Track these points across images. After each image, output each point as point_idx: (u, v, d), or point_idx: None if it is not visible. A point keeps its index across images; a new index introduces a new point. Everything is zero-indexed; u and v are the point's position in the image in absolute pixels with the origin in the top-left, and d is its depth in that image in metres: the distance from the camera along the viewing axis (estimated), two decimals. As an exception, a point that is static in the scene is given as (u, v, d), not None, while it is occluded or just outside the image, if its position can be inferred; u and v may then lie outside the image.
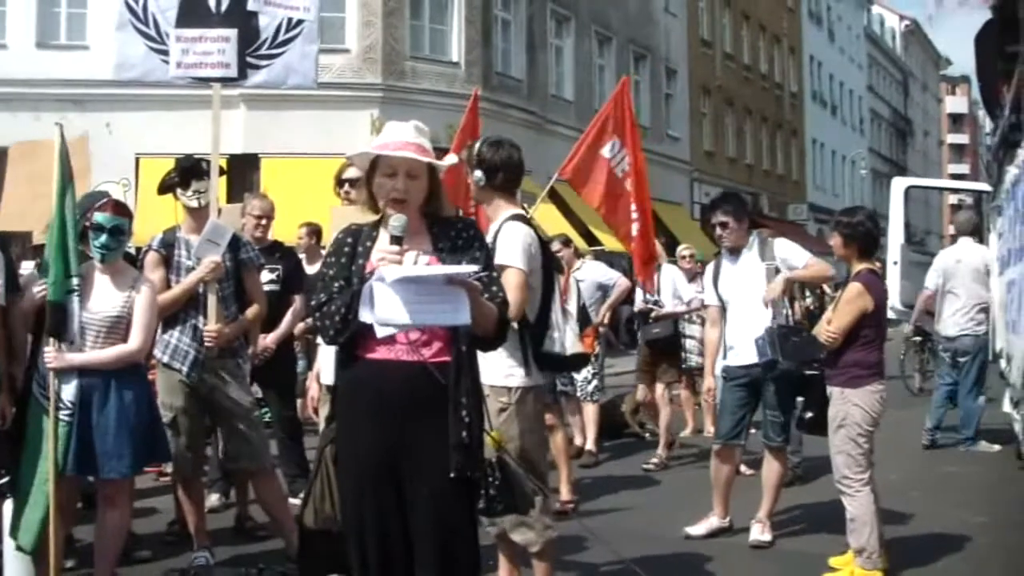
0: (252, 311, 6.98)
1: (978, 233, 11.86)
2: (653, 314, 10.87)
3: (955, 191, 36.24)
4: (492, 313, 4.14)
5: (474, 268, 3.99)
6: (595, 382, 10.96)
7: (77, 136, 6.34)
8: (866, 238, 6.86)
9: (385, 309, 3.83)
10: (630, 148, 9.62)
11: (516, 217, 5.50)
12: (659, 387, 11.17)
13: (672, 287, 11.18)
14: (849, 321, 6.63)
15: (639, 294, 11.22)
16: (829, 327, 6.66)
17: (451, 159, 4.53)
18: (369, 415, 4.09)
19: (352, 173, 6.10)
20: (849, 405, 6.61)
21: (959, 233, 12.15)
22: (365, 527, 4.12)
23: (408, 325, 3.93)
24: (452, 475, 4.02)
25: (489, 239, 5.26)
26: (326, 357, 5.71)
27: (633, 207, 9.68)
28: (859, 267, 6.84)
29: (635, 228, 9.81)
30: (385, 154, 4.17)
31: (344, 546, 4.26)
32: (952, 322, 11.48)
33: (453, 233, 4.29)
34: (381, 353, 4.07)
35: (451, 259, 4.16)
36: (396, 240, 4.02)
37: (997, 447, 11.34)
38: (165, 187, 6.84)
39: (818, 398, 6.98)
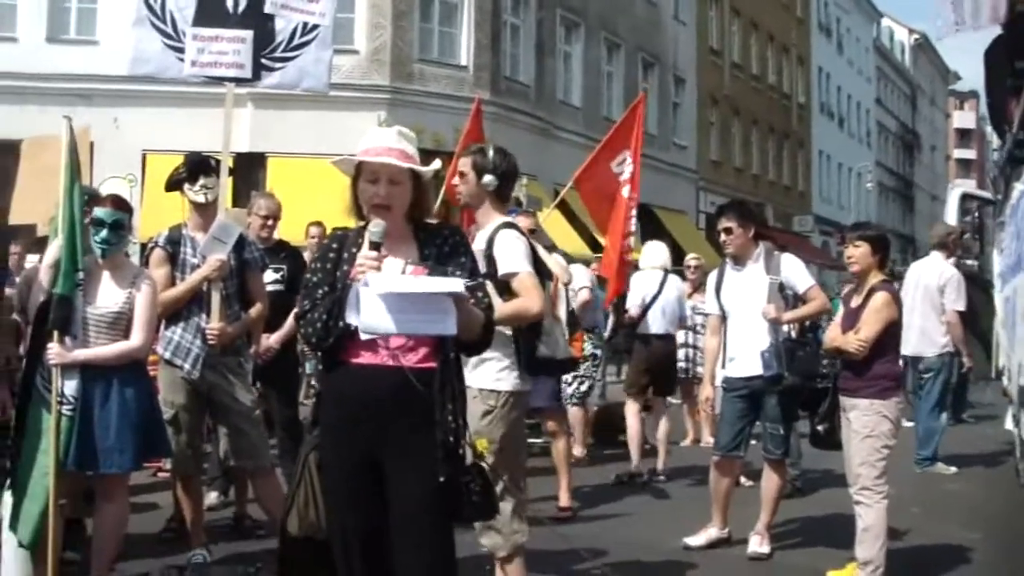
0: (255, 310, 6.99)
1: (947, 248, 11.45)
2: None
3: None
4: (478, 319, 4.14)
5: (459, 283, 3.96)
6: (575, 385, 10.88)
7: (79, 129, 6.33)
8: (888, 248, 6.99)
9: (370, 316, 3.83)
10: (634, 159, 9.66)
11: (507, 225, 5.54)
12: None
13: None
14: (878, 330, 6.64)
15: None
16: (858, 336, 6.65)
17: (435, 164, 4.50)
18: (353, 421, 4.09)
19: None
20: (879, 417, 6.62)
21: (930, 246, 11.75)
22: (350, 533, 4.13)
23: (393, 333, 3.94)
24: (441, 479, 4.01)
25: (481, 245, 5.34)
26: None
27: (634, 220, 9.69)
28: (879, 277, 6.85)
29: (633, 240, 9.83)
30: (366, 160, 4.16)
31: (325, 554, 4.24)
32: (912, 339, 10.83)
33: (439, 240, 4.28)
34: (366, 359, 4.07)
35: (437, 266, 4.16)
36: (375, 246, 4.00)
37: (953, 469, 11.09)
38: (172, 183, 6.86)
39: (829, 411, 7.00)
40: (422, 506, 4.03)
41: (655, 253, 11.05)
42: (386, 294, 3.81)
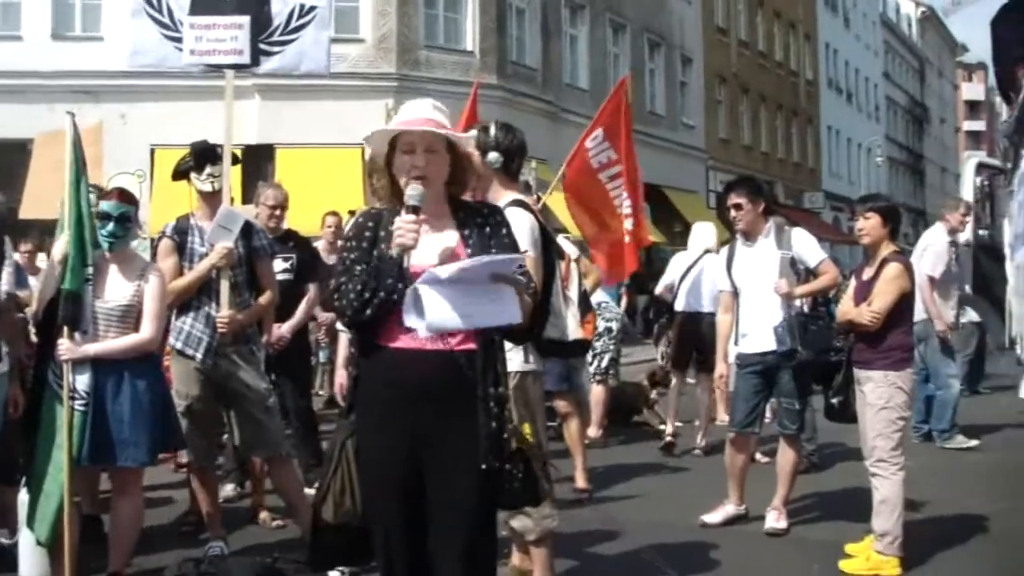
0: (264, 298, 6.98)
1: (945, 219, 11.36)
2: None
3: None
4: (528, 305, 4.07)
5: (519, 256, 3.90)
6: (595, 363, 11.01)
7: (91, 125, 6.34)
8: (898, 219, 6.98)
9: (436, 313, 3.73)
10: (614, 143, 9.60)
11: (517, 203, 5.43)
12: None
13: None
14: (891, 301, 6.63)
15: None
16: (871, 308, 6.63)
17: (472, 133, 4.42)
18: (392, 406, 4.00)
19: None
20: (894, 388, 6.61)
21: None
22: (391, 520, 4.04)
23: (460, 329, 3.85)
24: (483, 467, 3.93)
25: None
26: None
27: (626, 202, 9.65)
28: (890, 248, 6.83)
29: (629, 223, 9.79)
30: (402, 129, 4.08)
31: (359, 541, 4.20)
32: None
33: (479, 219, 4.18)
34: (404, 342, 3.96)
35: (478, 244, 4.07)
36: (413, 210, 3.91)
37: (975, 442, 10.97)
38: (179, 172, 6.86)
39: (843, 384, 6.98)
40: (462, 493, 3.95)
41: (696, 235, 11.53)
42: (446, 286, 3.72)
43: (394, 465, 4.03)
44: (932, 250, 10.91)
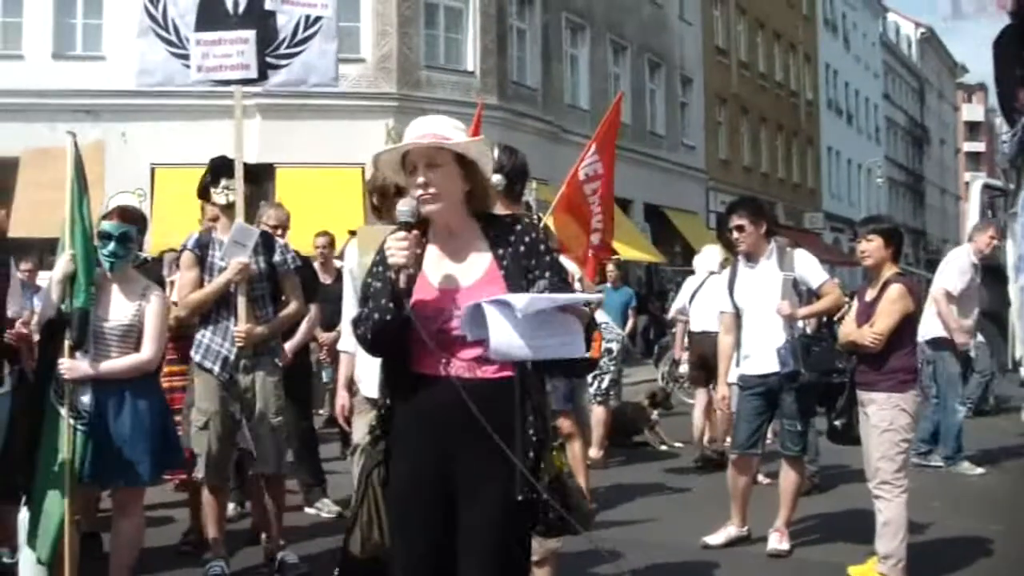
0: (286, 310, 6.99)
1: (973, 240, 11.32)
2: None
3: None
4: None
5: (597, 297, 3.76)
6: (595, 384, 11.00)
7: (91, 144, 6.31)
8: (901, 241, 7.00)
9: (502, 340, 3.53)
10: (602, 157, 9.63)
11: None
12: None
13: None
14: (893, 322, 6.62)
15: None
16: (873, 329, 6.62)
17: (478, 138, 4.19)
18: (422, 435, 3.81)
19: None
20: (897, 410, 6.59)
21: None
22: (417, 555, 3.86)
23: (528, 358, 3.67)
24: (519, 499, 3.72)
25: None
26: (364, 367, 5.27)
27: (597, 216, 9.64)
28: (893, 270, 6.83)
29: (596, 237, 9.77)
30: (402, 147, 3.87)
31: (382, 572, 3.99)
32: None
33: (513, 237, 3.90)
34: (434, 369, 3.77)
35: (513, 265, 3.84)
36: (405, 227, 3.74)
37: (980, 470, 10.74)
38: (202, 189, 6.90)
39: (846, 406, 6.96)
40: (494, 526, 3.76)
41: (703, 258, 12.25)
42: (519, 316, 3.51)
43: (422, 496, 3.84)
44: (954, 265, 10.82)
